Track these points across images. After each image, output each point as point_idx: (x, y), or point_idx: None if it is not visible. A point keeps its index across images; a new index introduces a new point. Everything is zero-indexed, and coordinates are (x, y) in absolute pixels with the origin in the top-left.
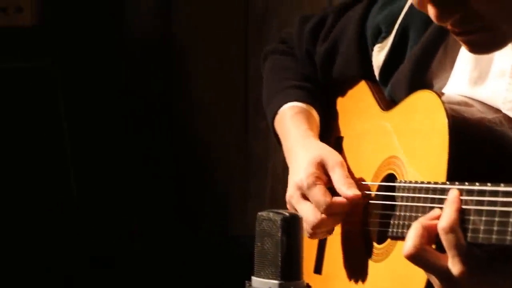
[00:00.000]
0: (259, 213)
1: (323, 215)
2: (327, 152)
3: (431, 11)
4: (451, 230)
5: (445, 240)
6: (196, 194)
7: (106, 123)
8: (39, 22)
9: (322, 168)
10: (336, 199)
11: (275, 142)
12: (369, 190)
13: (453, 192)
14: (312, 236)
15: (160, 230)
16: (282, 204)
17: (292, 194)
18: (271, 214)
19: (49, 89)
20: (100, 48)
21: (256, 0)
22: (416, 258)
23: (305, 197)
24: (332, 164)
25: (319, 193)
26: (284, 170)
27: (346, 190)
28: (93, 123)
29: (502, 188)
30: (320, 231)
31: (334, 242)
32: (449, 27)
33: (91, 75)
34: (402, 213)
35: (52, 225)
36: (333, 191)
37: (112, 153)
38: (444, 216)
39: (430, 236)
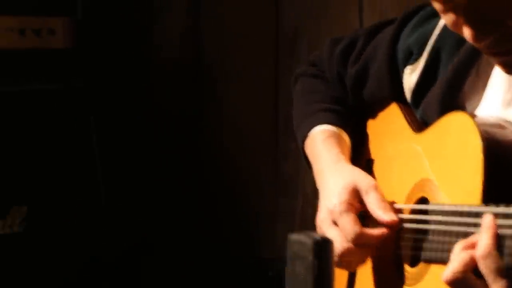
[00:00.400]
0: (290, 235)
1: (351, 245)
2: (360, 176)
3: (466, 32)
4: (488, 256)
5: (483, 266)
6: (226, 214)
7: (137, 143)
8: (71, 44)
9: (355, 193)
10: (366, 230)
11: (305, 164)
12: (402, 213)
13: (488, 217)
14: (337, 265)
15: (188, 249)
16: (312, 226)
17: (322, 219)
18: (302, 236)
19: (81, 110)
20: (131, 70)
21: (286, 21)
22: (456, 283)
23: (335, 223)
24: (366, 188)
25: (349, 221)
26: (314, 191)
27: (382, 214)
28: (124, 143)
29: None
30: (346, 260)
31: (366, 265)
32: (484, 48)
33: (123, 96)
34: (436, 237)
35: (80, 237)
36: (367, 216)
37: (143, 174)
38: (481, 243)
39: (470, 262)
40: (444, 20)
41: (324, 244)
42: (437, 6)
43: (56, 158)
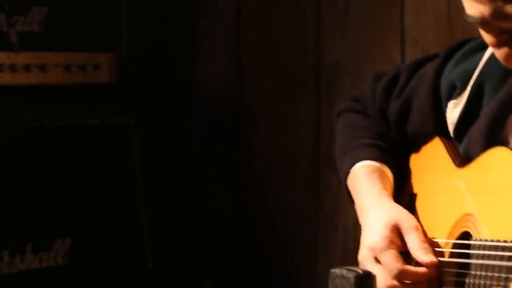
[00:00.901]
0: (332, 270)
1: (394, 281)
2: (402, 215)
3: None
4: None
5: None
6: (267, 248)
7: (179, 180)
8: (116, 79)
9: (397, 231)
10: (408, 267)
11: (347, 198)
12: (444, 248)
13: None
14: None
15: (232, 286)
16: (354, 260)
17: (364, 256)
18: (344, 271)
19: (124, 145)
20: (174, 105)
21: (328, 57)
22: None
23: (377, 260)
24: (407, 228)
25: (391, 258)
26: (355, 226)
27: (423, 256)
28: (167, 178)
29: None
30: None
31: None
32: None
33: (166, 131)
34: (478, 272)
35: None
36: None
37: (184, 211)
38: None
39: None
40: (497, 53)
41: (367, 279)
42: (489, 39)
43: (100, 192)
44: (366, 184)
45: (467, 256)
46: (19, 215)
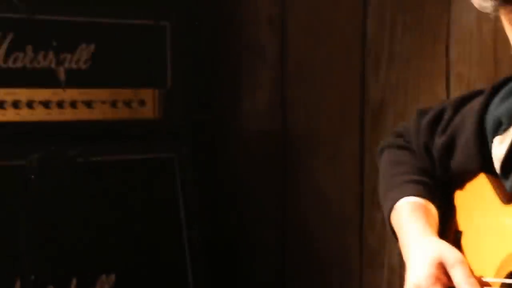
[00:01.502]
0: None
1: None
2: (447, 250)
3: None
4: None
5: None
6: (312, 286)
7: (222, 214)
8: (161, 115)
9: (442, 267)
10: None
11: (391, 235)
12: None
13: None
14: None
15: None
16: None
17: None
18: None
19: (169, 180)
20: (217, 141)
21: (372, 92)
22: None
23: None
24: (452, 263)
25: None
26: (400, 263)
27: None
28: (211, 213)
29: None
30: None
31: None
32: None
33: (208, 167)
34: None
35: None
36: None
37: (227, 247)
38: None
39: None
40: None
41: None
42: None
43: (144, 227)
44: (410, 221)
45: None
46: (64, 250)
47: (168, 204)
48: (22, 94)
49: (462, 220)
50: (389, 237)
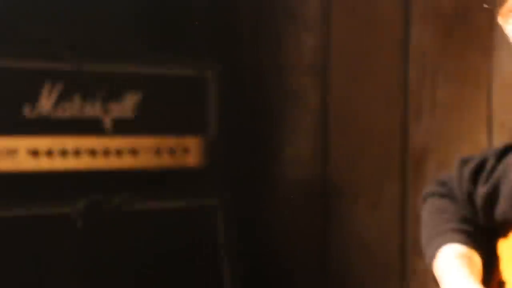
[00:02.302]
0: None
1: None
2: None
3: None
4: None
5: None
6: None
7: (264, 261)
8: (204, 163)
9: None
10: None
11: (434, 284)
12: None
13: None
14: None
15: None
16: None
17: None
18: None
19: (211, 228)
20: (258, 188)
21: (414, 140)
22: None
23: None
24: None
25: None
26: None
27: None
28: (252, 259)
29: None
30: None
31: None
32: None
33: (250, 215)
34: None
35: None
36: None
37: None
38: None
39: None
40: None
41: None
42: None
43: (186, 274)
44: (453, 270)
45: None
46: None
47: (210, 252)
48: (69, 142)
49: (506, 270)
50: (431, 286)
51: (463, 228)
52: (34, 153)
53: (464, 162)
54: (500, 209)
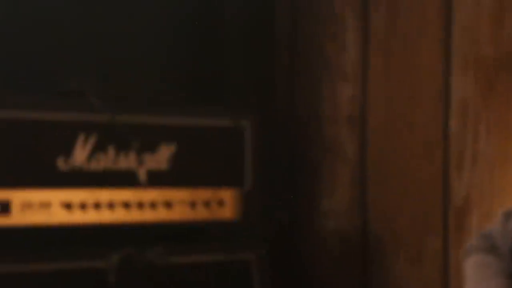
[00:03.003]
0: None
1: None
2: None
3: None
4: None
5: None
6: None
7: None
8: (239, 215)
9: None
10: None
11: None
12: None
13: None
14: None
15: None
16: None
17: None
18: None
19: (247, 281)
20: (296, 240)
21: (456, 192)
22: None
23: None
24: None
25: None
26: None
27: None
28: None
29: None
30: None
31: None
32: None
33: (287, 267)
34: None
35: None
36: None
37: None
38: None
39: None
40: None
41: None
42: None
43: None
44: None
45: None
46: None
47: None
48: (103, 195)
49: None
50: None
51: (509, 284)
52: (68, 206)
53: (508, 215)
54: None
